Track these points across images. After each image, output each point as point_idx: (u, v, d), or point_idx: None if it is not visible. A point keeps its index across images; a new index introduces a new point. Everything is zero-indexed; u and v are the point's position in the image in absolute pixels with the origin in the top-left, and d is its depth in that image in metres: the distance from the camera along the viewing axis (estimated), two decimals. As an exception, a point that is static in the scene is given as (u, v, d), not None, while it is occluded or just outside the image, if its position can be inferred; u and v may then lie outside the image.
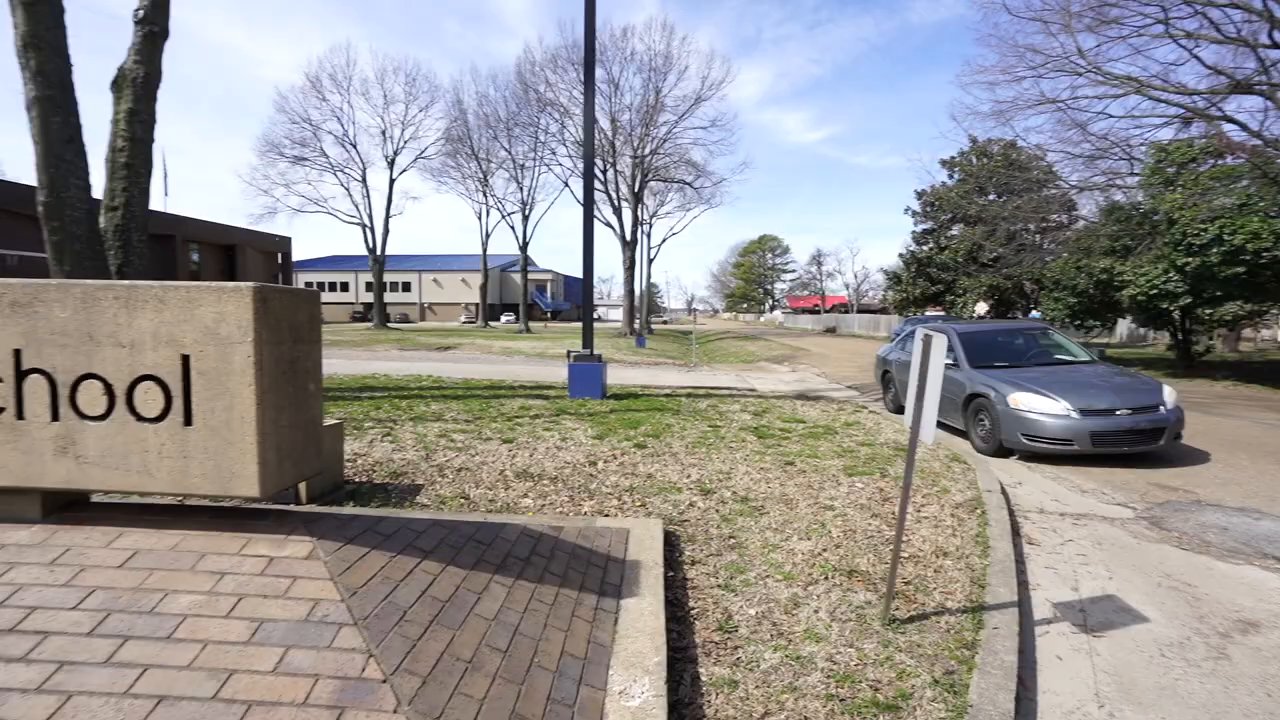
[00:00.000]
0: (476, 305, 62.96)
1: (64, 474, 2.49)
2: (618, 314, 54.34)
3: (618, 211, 37.31)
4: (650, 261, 44.83)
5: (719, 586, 3.56)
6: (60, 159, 7.40)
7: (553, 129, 38.07)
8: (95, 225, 7.91)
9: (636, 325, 37.84)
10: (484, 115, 41.82)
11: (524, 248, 44.28)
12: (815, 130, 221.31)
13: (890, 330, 40.96)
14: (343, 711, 1.88)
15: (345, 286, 73.06)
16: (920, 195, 36.65)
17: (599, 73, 27.39)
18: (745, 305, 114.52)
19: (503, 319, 65.44)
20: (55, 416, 2.44)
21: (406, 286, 72.84)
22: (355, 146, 41.47)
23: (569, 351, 10.36)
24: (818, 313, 76.69)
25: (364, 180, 41.86)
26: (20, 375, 2.43)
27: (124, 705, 1.88)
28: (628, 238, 37.90)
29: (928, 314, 34.32)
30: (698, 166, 39.41)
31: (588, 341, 10.63)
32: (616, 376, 13.06)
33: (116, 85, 8.21)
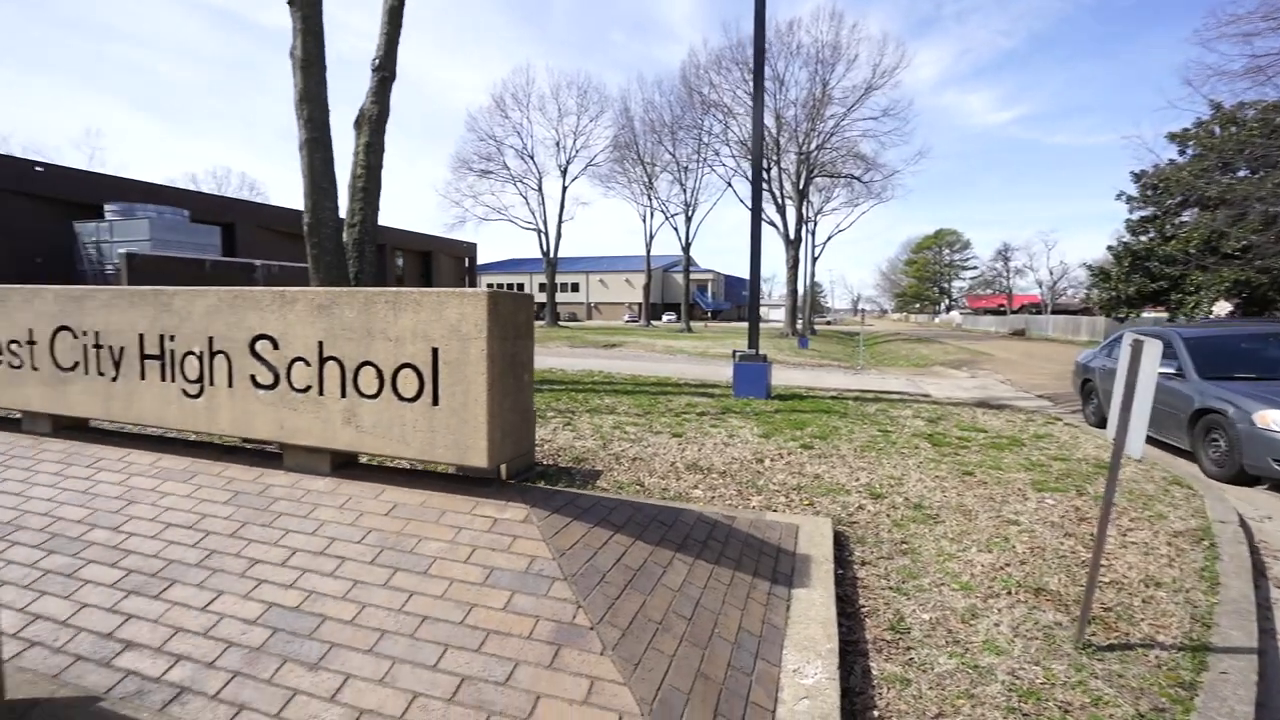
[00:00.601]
0: (639, 305, 65.30)
1: (348, 439, 3.19)
2: (779, 314, 53.44)
3: (781, 210, 36.68)
4: (814, 260, 43.50)
5: (890, 589, 3.54)
6: (320, 188, 9.04)
7: (716, 130, 38.43)
8: (340, 240, 9.54)
9: (799, 325, 36.95)
10: (649, 121, 43.34)
11: (686, 248, 45.17)
12: (1004, 110, 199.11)
13: (1093, 334, 35.75)
14: (559, 649, 2.25)
15: (521, 287, 79.66)
16: (1139, 177, 31.47)
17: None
18: (918, 305, 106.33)
19: (664, 318, 67.21)
20: (343, 394, 3.14)
21: (575, 287, 77.60)
22: (533, 158, 45.07)
23: (734, 351, 10.53)
24: (1003, 313, 68.98)
25: (540, 189, 45.37)
26: (322, 361, 3.16)
27: (400, 619, 2.41)
28: (791, 236, 37.12)
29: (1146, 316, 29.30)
30: (867, 160, 37.46)
31: (753, 341, 10.72)
32: (780, 377, 12.98)
33: (357, 124, 9.85)
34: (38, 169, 24.96)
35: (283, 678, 2.24)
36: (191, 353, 3.56)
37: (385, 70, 9.92)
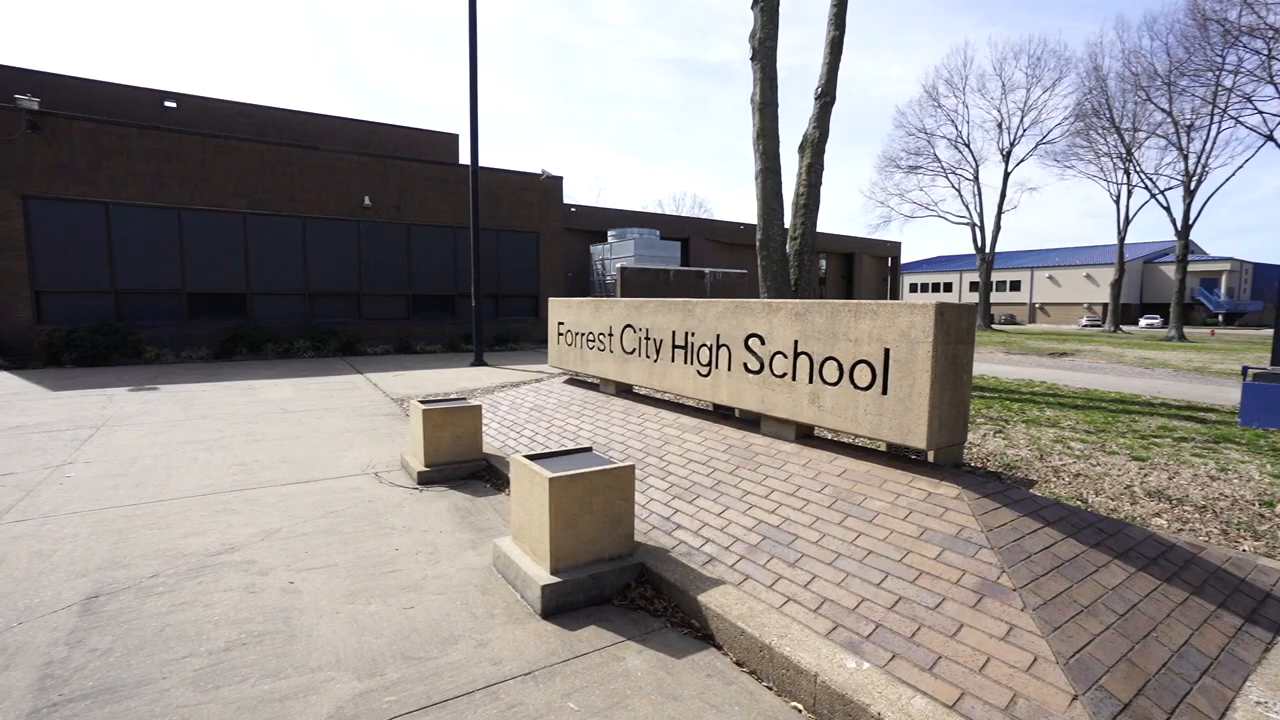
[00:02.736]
0: (1104, 305, 53.19)
1: (810, 415, 4.22)
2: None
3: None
4: None
5: None
6: (770, 209, 10.70)
7: (1249, 65, 28.55)
8: (784, 252, 11.07)
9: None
10: (1131, 76, 34.83)
11: (1184, 232, 34.90)
12: None
13: None
14: (982, 597, 2.75)
15: (948, 287, 73.51)
16: None
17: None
18: None
19: (1141, 322, 53.17)
20: (810, 381, 4.17)
21: (1015, 285, 67.73)
22: (968, 146, 41.27)
23: (1245, 368, 8.26)
24: None
25: (976, 179, 41.29)
26: (796, 355, 4.26)
27: (851, 549, 3.26)
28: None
29: None
30: None
31: None
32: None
33: (801, 148, 11.24)
34: (572, 209, 35.07)
35: (772, 566, 3.33)
36: (705, 345, 5.15)
37: (826, 96, 11.05)
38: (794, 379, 4.29)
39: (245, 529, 4.29)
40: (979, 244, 41.43)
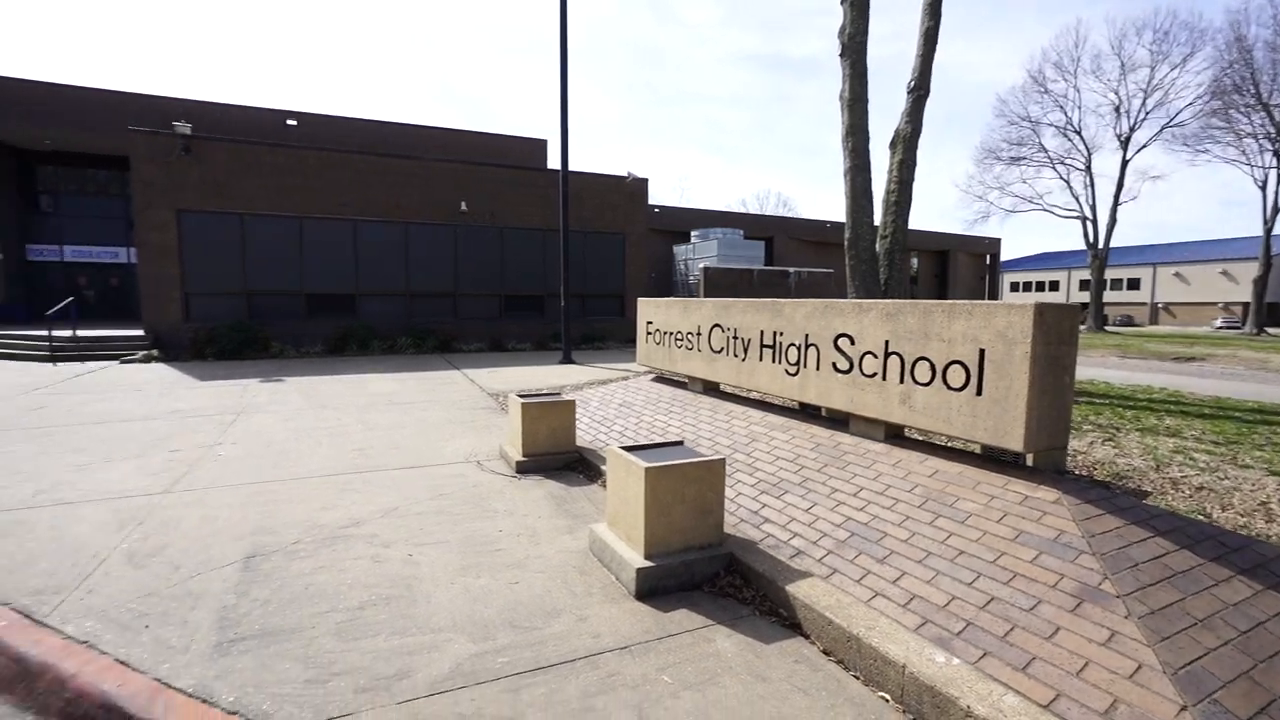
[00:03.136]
0: (1244, 305, 47.88)
1: (901, 415, 4.20)
2: None
3: None
4: None
5: None
6: (860, 206, 10.49)
7: None
8: (874, 251, 10.81)
9: None
10: (1281, 46, 31.13)
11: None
12: None
13: None
14: (1082, 602, 2.70)
15: (1054, 286, 68.39)
16: None
17: None
18: None
19: (1289, 324, 47.33)
20: (901, 380, 4.15)
21: (1134, 284, 62.08)
22: (1080, 133, 38.24)
23: None
24: None
25: (1088, 168, 38.21)
26: (886, 355, 4.26)
27: (941, 548, 3.25)
28: None
29: None
30: None
31: None
32: None
33: (892, 144, 10.93)
34: (656, 210, 35.38)
35: (860, 561, 3.38)
36: (793, 344, 5.20)
37: (920, 89, 10.70)
38: (884, 379, 4.29)
39: (367, 506, 4.77)
40: (1090, 239, 38.33)
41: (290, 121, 23.35)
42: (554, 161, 28.63)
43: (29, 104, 20.08)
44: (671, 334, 7.35)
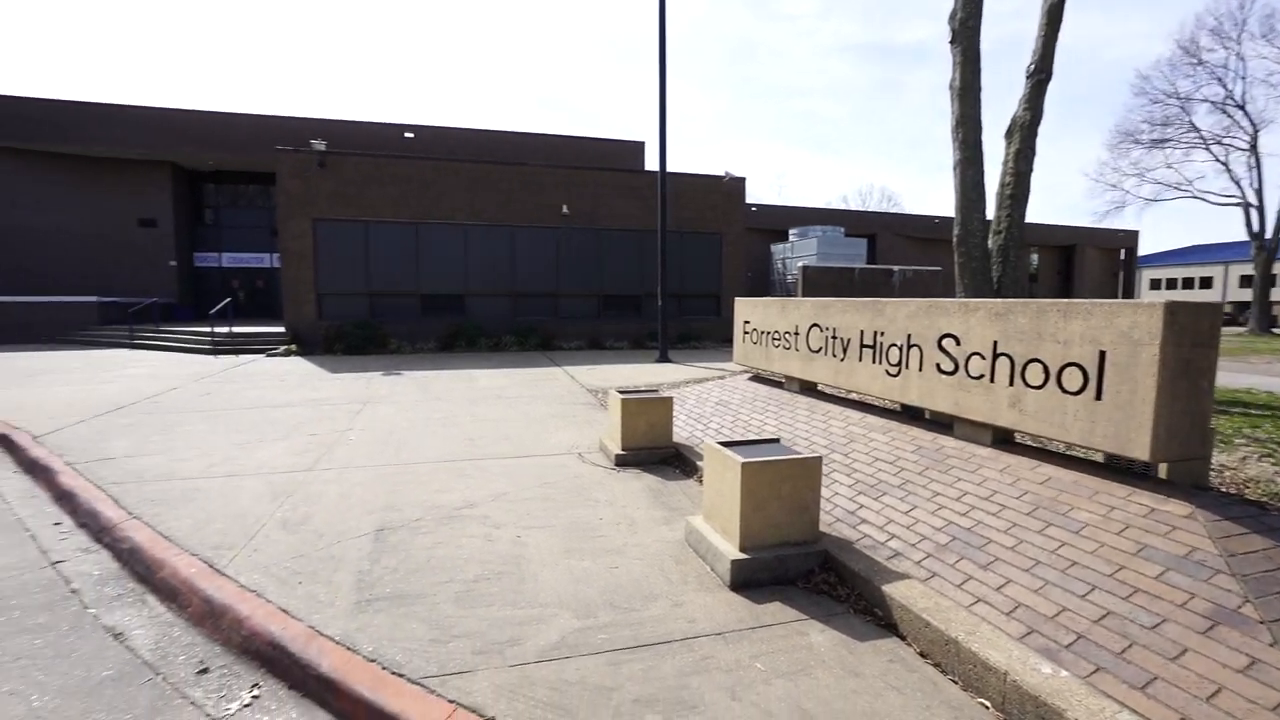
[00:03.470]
0: None
1: (1010, 419, 4.02)
2: None
3: None
4: None
5: None
6: (970, 201, 9.94)
7: None
8: (986, 248, 10.21)
9: None
10: None
11: None
12: None
13: None
14: (1216, 625, 2.51)
15: (1206, 282, 60.90)
16: None
17: None
18: None
19: None
20: (1011, 383, 3.98)
21: (1307, 280, 54.04)
22: (1243, 108, 33.81)
23: None
24: None
25: (1253, 147, 33.69)
26: (995, 357, 4.09)
27: (1051, 557, 3.11)
28: None
29: None
30: None
31: None
32: None
33: (1008, 133, 10.25)
34: (753, 209, 34.93)
35: (961, 566, 3.30)
36: (894, 344, 5.09)
37: (1042, 73, 9.96)
38: (992, 381, 4.12)
39: (479, 490, 5.16)
40: (1255, 228, 33.82)
41: (408, 134, 25.16)
42: (651, 163, 29.02)
43: (197, 131, 22.95)
44: (769, 333, 7.34)
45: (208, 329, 17.60)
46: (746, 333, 7.99)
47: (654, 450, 5.93)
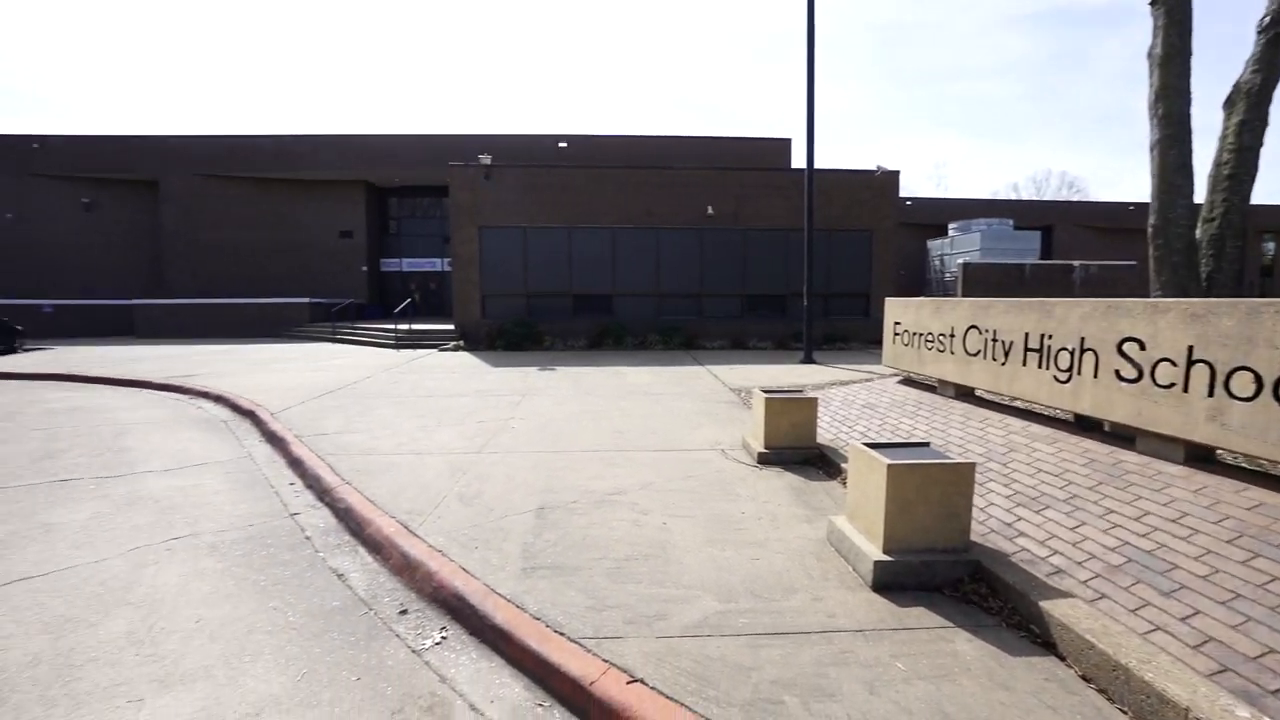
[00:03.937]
0: None
1: (1208, 435, 3.59)
2: None
3: None
4: None
5: None
6: (1171, 185, 8.72)
7: None
8: (1192, 238, 8.89)
9: None
10: None
11: None
12: None
13: None
14: None
15: None
16: None
17: None
18: None
19: None
20: (1210, 394, 3.55)
21: None
22: None
23: None
24: None
25: None
26: (1190, 364, 3.66)
27: (1254, 590, 2.77)
28: None
29: None
30: None
31: None
32: None
33: (1229, 102, 8.83)
34: (907, 203, 32.78)
35: (1137, 590, 3.03)
36: (1064, 348, 4.69)
37: (1278, 25, 8.47)
38: (1185, 390, 3.69)
39: (628, 479, 5.52)
40: None
41: (561, 144, 26.78)
42: (797, 160, 28.34)
43: (384, 152, 26.24)
44: (921, 335, 7.01)
45: (392, 326, 20.12)
46: (897, 334, 7.68)
47: (797, 450, 5.95)
